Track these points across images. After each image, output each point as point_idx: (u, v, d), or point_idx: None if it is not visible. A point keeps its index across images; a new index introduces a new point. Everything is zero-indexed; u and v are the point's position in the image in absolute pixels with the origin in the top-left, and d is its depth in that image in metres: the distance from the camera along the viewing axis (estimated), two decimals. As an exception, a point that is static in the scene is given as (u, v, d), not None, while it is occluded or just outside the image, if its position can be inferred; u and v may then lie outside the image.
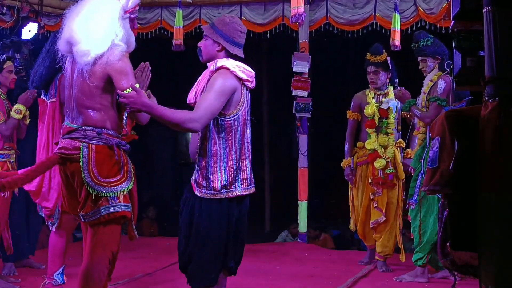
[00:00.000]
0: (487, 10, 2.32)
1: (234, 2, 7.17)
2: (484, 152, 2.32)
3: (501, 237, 2.26)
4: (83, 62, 3.14)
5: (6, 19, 6.55)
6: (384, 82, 5.49)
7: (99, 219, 3.14)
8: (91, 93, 3.16)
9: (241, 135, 3.31)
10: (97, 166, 3.11)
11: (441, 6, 6.35)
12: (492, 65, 2.31)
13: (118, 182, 3.15)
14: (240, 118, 3.29)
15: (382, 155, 5.36)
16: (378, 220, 5.42)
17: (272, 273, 5.27)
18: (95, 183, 3.10)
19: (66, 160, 3.17)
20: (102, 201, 3.12)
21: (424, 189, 2.55)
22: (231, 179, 3.27)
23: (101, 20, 3.18)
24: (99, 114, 3.17)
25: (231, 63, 3.29)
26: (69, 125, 3.22)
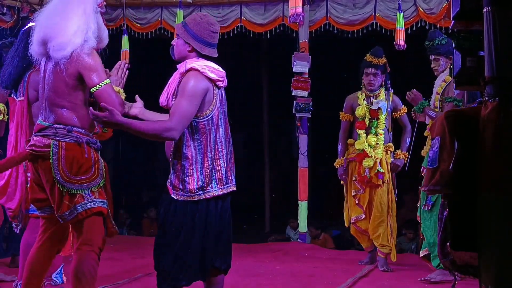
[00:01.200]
0: (487, 10, 2.32)
1: (234, 2, 7.17)
2: (484, 152, 2.32)
3: (501, 237, 2.26)
4: (60, 56, 3.17)
5: (6, 19, 6.55)
6: (380, 84, 5.57)
7: (77, 216, 3.17)
8: (62, 92, 3.21)
9: (215, 135, 3.27)
10: (66, 164, 3.15)
11: (441, 6, 6.35)
12: (492, 65, 2.31)
13: (88, 180, 3.19)
14: (214, 118, 3.26)
15: (371, 155, 5.41)
16: (359, 217, 5.54)
17: (272, 273, 5.27)
18: (65, 181, 3.14)
19: (37, 157, 3.21)
20: (78, 198, 3.16)
21: (424, 189, 2.55)
22: (207, 180, 3.23)
23: (75, 14, 3.22)
24: (69, 113, 3.22)
25: (201, 64, 3.24)
26: (41, 123, 3.27)
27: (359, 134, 5.54)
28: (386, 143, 5.55)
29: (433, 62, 5.05)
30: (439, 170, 2.44)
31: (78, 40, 3.18)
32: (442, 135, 2.46)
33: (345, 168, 5.67)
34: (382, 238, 5.43)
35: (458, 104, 4.71)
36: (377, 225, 5.47)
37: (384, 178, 5.45)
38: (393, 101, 5.59)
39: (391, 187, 5.52)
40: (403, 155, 5.52)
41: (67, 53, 3.16)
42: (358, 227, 5.58)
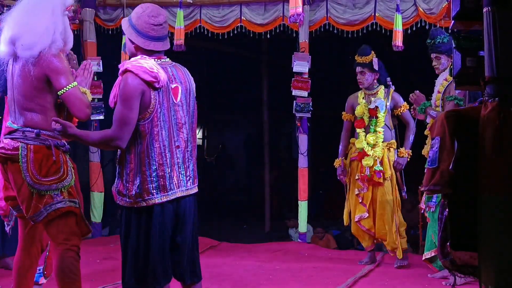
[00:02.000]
0: (487, 10, 2.32)
1: (234, 2, 7.17)
2: (484, 152, 2.32)
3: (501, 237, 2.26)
4: (28, 55, 3.19)
5: (6, 19, 6.54)
6: (371, 82, 5.61)
7: (47, 217, 3.22)
8: (30, 95, 3.23)
9: (156, 139, 3.03)
10: (35, 166, 3.20)
11: (441, 6, 6.34)
12: (492, 65, 2.31)
13: (57, 180, 3.24)
14: (154, 121, 3.01)
15: (370, 153, 5.42)
16: (362, 216, 5.56)
17: (272, 273, 5.27)
18: (34, 182, 3.20)
19: (6, 159, 3.26)
20: (47, 199, 3.21)
21: (424, 189, 2.55)
22: (146, 187, 3.03)
23: (43, 14, 3.24)
24: (38, 116, 3.25)
25: (135, 64, 3.02)
26: (11, 125, 3.31)
27: (359, 133, 5.60)
28: (388, 140, 5.57)
29: (434, 61, 5.05)
30: (439, 170, 2.44)
31: (46, 40, 3.19)
32: (442, 135, 2.46)
33: (343, 168, 5.69)
34: (389, 237, 5.45)
35: (459, 103, 4.70)
36: (381, 223, 5.48)
37: (385, 176, 5.45)
38: (393, 98, 5.60)
39: (395, 184, 5.52)
40: (406, 153, 5.52)
41: (35, 52, 3.18)
42: (361, 226, 5.58)
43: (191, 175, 3.18)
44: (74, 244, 3.28)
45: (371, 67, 5.56)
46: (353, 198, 5.66)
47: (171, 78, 3.10)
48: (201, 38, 7.70)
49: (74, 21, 7.33)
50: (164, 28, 3.13)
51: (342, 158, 5.74)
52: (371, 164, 5.45)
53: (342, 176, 5.72)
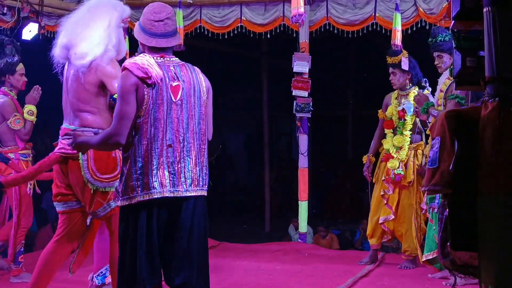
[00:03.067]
0: (487, 10, 2.32)
1: (234, 2, 7.17)
2: (484, 152, 2.32)
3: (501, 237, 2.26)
4: (80, 64, 3.35)
5: (7, 19, 6.55)
6: (403, 82, 5.51)
7: (110, 212, 3.43)
8: (84, 98, 3.42)
9: (148, 136, 2.96)
10: (95, 164, 3.37)
11: (441, 6, 6.34)
12: (492, 65, 2.31)
13: (115, 178, 3.39)
14: (145, 117, 2.96)
15: (395, 155, 5.39)
16: (387, 218, 5.49)
17: (272, 273, 5.27)
18: (94, 179, 3.37)
19: (67, 159, 3.41)
20: (110, 195, 3.41)
21: (424, 189, 2.55)
22: (130, 184, 2.97)
23: (99, 26, 3.41)
24: (93, 117, 3.43)
25: (132, 61, 3.00)
26: (67, 126, 3.47)
27: (386, 134, 5.56)
28: (416, 142, 5.48)
29: (437, 59, 5.01)
30: (439, 170, 2.44)
31: (99, 51, 3.37)
32: (442, 135, 2.46)
33: (369, 165, 5.66)
34: (405, 240, 5.43)
35: (461, 102, 4.65)
36: (399, 224, 5.46)
37: (401, 180, 5.37)
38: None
39: (416, 189, 5.42)
40: None
41: (86, 62, 3.36)
42: (386, 228, 5.51)
43: (190, 176, 3.03)
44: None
45: (400, 67, 5.49)
46: (375, 198, 5.61)
47: (173, 76, 3.03)
48: (201, 38, 7.70)
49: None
50: (167, 25, 3.06)
51: (369, 155, 5.69)
52: (396, 166, 5.39)
53: (366, 172, 5.69)
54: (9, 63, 4.90)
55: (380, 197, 5.55)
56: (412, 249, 5.41)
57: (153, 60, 3.01)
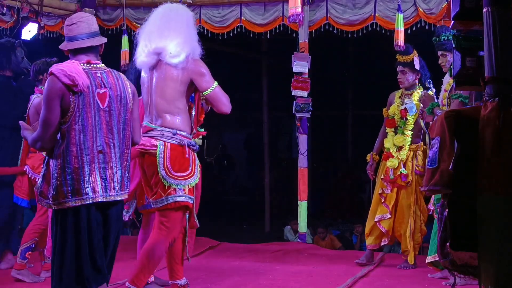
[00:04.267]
0: (487, 11, 2.32)
1: (234, 2, 7.17)
2: (484, 152, 2.32)
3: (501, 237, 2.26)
4: (177, 62, 3.62)
5: (6, 19, 6.55)
6: (412, 82, 5.48)
7: (166, 206, 3.63)
8: (171, 98, 3.66)
9: (75, 143, 3.04)
10: (171, 162, 3.61)
11: (441, 6, 6.34)
12: (492, 65, 2.31)
13: (187, 176, 3.65)
14: (72, 124, 3.04)
15: (395, 155, 5.38)
16: (383, 217, 5.47)
17: (272, 273, 5.27)
18: (168, 176, 3.60)
19: (144, 154, 3.69)
20: (171, 191, 3.62)
21: (424, 189, 2.55)
22: (61, 189, 3.05)
23: (180, 27, 3.72)
24: (174, 117, 3.67)
25: (60, 67, 3.07)
26: (149, 125, 3.72)
27: (388, 133, 5.53)
28: (416, 142, 5.44)
29: (440, 58, 4.96)
30: (439, 170, 2.44)
31: (188, 48, 3.66)
32: (442, 135, 2.46)
33: (372, 163, 5.63)
34: (403, 242, 5.42)
35: (464, 101, 4.60)
36: (399, 225, 5.43)
37: (407, 180, 5.35)
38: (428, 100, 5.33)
39: (416, 188, 5.39)
40: None
41: (182, 59, 3.62)
42: (381, 227, 5.49)
43: (119, 181, 3.16)
44: (173, 236, 3.69)
45: (412, 66, 5.44)
46: (375, 197, 5.59)
47: (100, 84, 3.13)
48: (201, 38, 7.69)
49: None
50: (80, 27, 3.18)
51: (372, 153, 5.67)
52: (396, 166, 5.36)
53: (369, 170, 5.67)
54: (48, 63, 4.92)
55: (379, 196, 5.55)
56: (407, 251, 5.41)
57: (80, 67, 3.10)
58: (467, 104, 4.52)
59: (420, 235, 5.45)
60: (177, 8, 3.88)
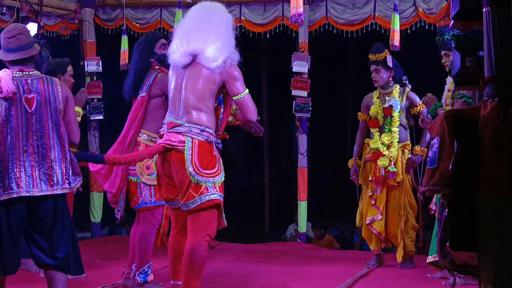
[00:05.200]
0: (487, 10, 2.32)
1: (233, 2, 7.17)
2: (484, 152, 2.32)
3: (501, 237, 2.26)
4: (215, 66, 3.59)
5: (6, 19, 6.55)
6: (386, 80, 5.46)
7: (200, 205, 3.56)
8: (203, 96, 3.62)
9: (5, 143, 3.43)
10: (199, 158, 3.56)
11: (441, 6, 6.34)
12: (491, 65, 2.31)
13: (214, 174, 3.61)
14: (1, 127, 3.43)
15: (385, 153, 5.35)
16: (374, 218, 5.44)
17: (271, 273, 5.27)
18: (196, 173, 3.54)
19: (171, 150, 3.62)
20: (203, 190, 3.56)
21: (424, 189, 2.55)
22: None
23: (220, 31, 3.67)
24: (203, 115, 3.63)
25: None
26: (174, 121, 3.66)
27: (373, 133, 5.47)
28: (403, 141, 5.43)
29: (444, 58, 4.94)
30: (438, 170, 2.44)
31: (226, 53, 3.61)
32: (442, 135, 2.46)
33: (356, 168, 5.58)
34: (396, 242, 5.41)
35: (468, 101, 4.58)
36: (391, 226, 5.39)
37: (396, 178, 5.33)
38: (408, 97, 5.44)
39: (407, 187, 5.40)
40: (421, 151, 5.34)
41: (220, 63, 3.59)
42: (372, 229, 5.45)
43: (45, 178, 3.47)
44: (209, 235, 3.62)
45: (385, 64, 5.41)
46: (366, 200, 5.55)
47: (28, 89, 3.50)
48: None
49: (73, 21, 7.35)
50: (20, 39, 3.56)
51: (356, 158, 5.62)
52: (387, 164, 5.32)
53: (354, 176, 5.61)
54: (61, 63, 4.99)
55: (369, 198, 5.50)
56: (408, 248, 5.39)
57: (10, 75, 3.49)
58: (471, 104, 4.50)
59: (413, 232, 5.45)
60: (218, 10, 3.79)
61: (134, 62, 4.46)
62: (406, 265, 5.41)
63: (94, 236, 7.36)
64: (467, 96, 4.53)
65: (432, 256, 4.83)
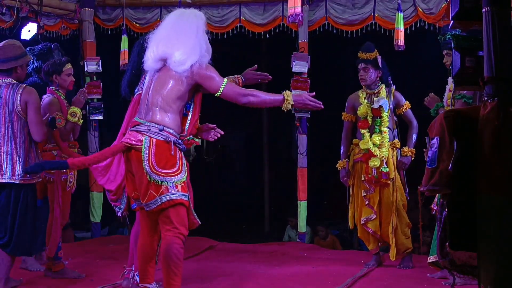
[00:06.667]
0: (487, 10, 2.32)
1: (233, 2, 7.17)
2: (483, 152, 2.32)
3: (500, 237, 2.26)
4: (181, 70, 3.66)
5: (6, 19, 6.55)
6: (374, 80, 5.48)
7: (161, 205, 3.58)
8: (169, 98, 3.68)
9: None
10: (156, 157, 3.58)
11: (440, 6, 6.34)
12: (491, 65, 2.32)
13: (174, 174, 3.61)
14: None
15: (376, 154, 5.36)
16: (369, 218, 5.44)
17: (271, 273, 5.27)
18: (152, 172, 3.56)
19: (131, 148, 3.67)
20: (163, 190, 3.57)
21: (423, 189, 2.55)
22: None
23: (190, 34, 3.74)
24: (166, 115, 3.67)
25: None
26: (138, 120, 3.74)
27: (363, 134, 5.45)
28: (391, 140, 5.45)
29: (445, 57, 4.94)
30: (438, 170, 2.44)
31: (195, 56, 3.67)
32: (441, 135, 2.46)
33: (348, 170, 5.57)
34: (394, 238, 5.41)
35: (468, 101, 4.58)
36: (386, 225, 5.40)
37: (388, 177, 5.35)
38: (394, 97, 5.48)
39: (398, 185, 5.41)
40: (410, 152, 5.40)
41: (187, 67, 3.65)
42: (368, 228, 5.46)
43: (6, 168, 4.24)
44: (181, 233, 3.63)
45: (374, 64, 5.43)
46: (358, 200, 5.54)
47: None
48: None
49: (73, 21, 7.35)
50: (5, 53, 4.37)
51: (346, 160, 5.61)
52: (378, 165, 5.33)
53: (346, 178, 5.59)
54: (56, 64, 5.04)
55: (363, 199, 5.49)
56: (405, 246, 5.39)
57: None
58: (471, 104, 4.50)
59: (408, 229, 5.45)
60: (189, 15, 3.89)
61: (132, 61, 4.49)
62: (405, 264, 5.41)
63: (94, 236, 7.36)
64: (467, 96, 4.53)
65: (433, 256, 4.83)
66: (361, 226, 5.52)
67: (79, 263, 5.53)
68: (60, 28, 7.28)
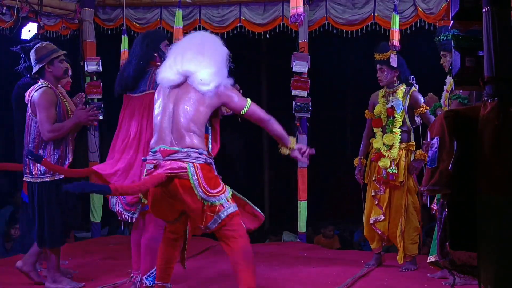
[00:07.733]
0: (487, 10, 2.32)
1: (233, 2, 7.18)
2: (483, 152, 2.32)
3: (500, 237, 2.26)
4: (206, 90, 3.65)
5: (6, 19, 6.55)
6: (391, 79, 5.42)
7: (221, 223, 3.66)
8: (198, 120, 3.66)
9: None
10: (205, 181, 3.62)
11: (440, 6, 6.35)
12: (491, 65, 2.32)
13: (222, 191, 3.70)
14: None
15: (386, 154, 5.34)
16: (378, 218, 5.42)
17: (271, 273, 5.26)
18: (208, 196, 3.61)
19: (174, 177, 3.60)
20: (219, 208, 3.64)
21: (423, 189, 2.55)
22: None
23: (217, 58, 3.79)
24: (197, 138, 3.66)
25: None
26: (168, 148, 3.64)
27: (376, 133, 5.46)
28: (406, 142, 5.39)
29: (442, 58, 4.92)
30: (438, 170, 2.44)
31: (218, 80, 3.69)
32: (441, 135, 2.46)
33: (361, 167, 5.57)
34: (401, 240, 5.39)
35: (463, 102, 4.57)
36: (394, 226, 5.37)
37: (396, 179, 5.29)
38: (412, 97, 5.36)
39: (409, 188, 5.36)
40: (422, 155, 5.22)
41: (211, 88, 3.65)
42: (376, 229, 5.44)
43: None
44: (246, 237, 3.83)
45: (388, 64, 5.40)
46: (368, 200, 5.52)
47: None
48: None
49: (73, 21, 7.36)
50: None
51: (360, 158, 5.60)
52: (388, 165, 5.30)
53: (358, 175, 5.59)
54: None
55: (372, 198, 5.49)
56: (409, 251, 5.37)
57: None
58: (466, 105, 4.50)
59: (416, 234, 5.40)
60: (216, 40, 3.94)
61: (137, 53, 4.38)
62: (408, 267, 5.37)
63: (94, 236, 7.36)
64: (462, 97, 4.52)
65: (433, 256, 4.83)
66: (369, 225, 5.52)
67: (79, 263, 5.53)
68: (60, 28, 7.28)
